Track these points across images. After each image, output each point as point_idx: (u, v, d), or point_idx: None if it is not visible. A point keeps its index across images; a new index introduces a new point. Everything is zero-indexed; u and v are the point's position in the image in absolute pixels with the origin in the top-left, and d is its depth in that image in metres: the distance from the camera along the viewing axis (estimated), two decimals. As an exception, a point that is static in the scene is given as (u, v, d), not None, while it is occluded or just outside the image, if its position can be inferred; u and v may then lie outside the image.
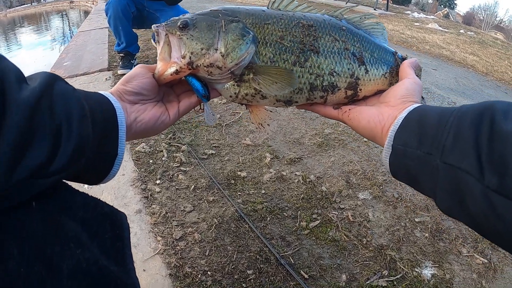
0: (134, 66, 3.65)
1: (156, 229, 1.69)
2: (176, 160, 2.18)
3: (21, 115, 0.48)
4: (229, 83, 0.83)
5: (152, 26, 0.83)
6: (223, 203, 1.87)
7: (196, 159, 2.21)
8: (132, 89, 0.78)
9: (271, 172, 2.12)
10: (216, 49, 0.78)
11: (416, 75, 0.88)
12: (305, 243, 1.66)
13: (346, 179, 2.13)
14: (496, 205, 0.50)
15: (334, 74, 0.85)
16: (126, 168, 2.13)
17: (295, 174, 2.13)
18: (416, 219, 1.85)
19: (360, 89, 0.89)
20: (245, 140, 2.45)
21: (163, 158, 2.22)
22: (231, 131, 2.58)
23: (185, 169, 2.12)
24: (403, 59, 0.93)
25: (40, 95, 0.52)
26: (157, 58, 0.83)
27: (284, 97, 0.85)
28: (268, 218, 1.78)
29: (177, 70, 0.79)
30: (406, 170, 0.69)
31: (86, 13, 15.02)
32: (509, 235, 0.50)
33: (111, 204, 0.73)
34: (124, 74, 3.29)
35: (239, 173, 2.10)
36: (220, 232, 1.68)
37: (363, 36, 0.91)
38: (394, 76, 0.93)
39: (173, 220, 1.74)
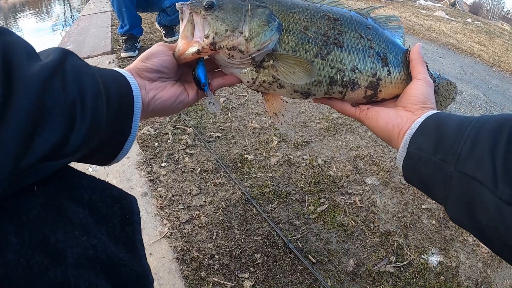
0: (138, 49, 3.61)
1: (162, 212, 1.67)
2: (182, 143, 2.16)
3: (31, 94, 0.45)
4: (247, 68, 0.82)
5: (177, 4, 0.82)
6: (230, 186, 1.85)
7: (202, 141, 2.18)
8: (152, 65, 0.76)
9: (278, 156, 2.10)
10: (241, 32, 0.77)
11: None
12: (313, 228, 1.64)
13: (354, 164, 2.11)
14: (507, 217, 0.49)
15: (356, 71, 0.84)
16: (131, 151, 2.11)
17: (303, 158, 2.11)
18: (423, 206, 1.84)
19: (380, 91, 0.87)
20: (251, 123, 2.42)
21: (168, 141, 2.20)
22: (238, 114, 2.55)
23: (191, 151, 2.10)
24: (407, 50, 0.91)
25: (52, 71, 0.50)
26: (179, 36, 0.81)
27: (301, 88, 0.84)
28: (276, 202, 1.76)
29: (198, 50, 0.77)
30: (419, 175, 0.69)
31: (89, -3, 14.97)
32: None
33: None
34: (127, 57, 3.22)
35: (246, 156, 2.08)
36: (227, 216, 1.67)
37: (389, 37, 0.90)
38: None
39: (180, 203, 1.72)
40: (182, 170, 1.95)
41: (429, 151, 0.65)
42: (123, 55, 3.58)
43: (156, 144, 2.17)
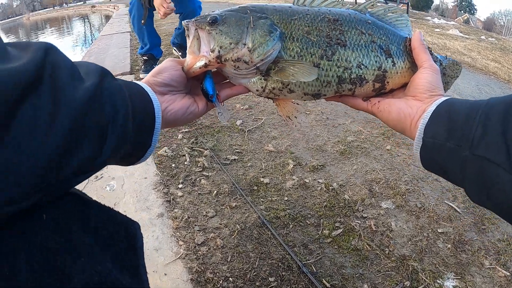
0: None
1: (178, 233, 1.70)
2: (199, 165, 2.20)
3: (73, 117, 0.50)
4: (255, 78, 0.85)
5: (183, 22, 0.86)
6: (245, 209, 1.87)
7: (219, 164, 2.22)
8: (162, 80, 0.80)
9: (293, 179, 2.12)
10: (244, 44, 0.80)
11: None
12: (328, 252, 1.65)
13: (369, 187, 2.11)
14: None
15: (362, 66, 0.86)
16: (149, 172, 2.16)
17: (318, 181, 2.12)
18: (439, 230, 1.83)
19: (388, 82, 0.90)
20: (267, 146, 2.45)
21: (185, 163, 2.23)
22: (254, 137, 2.58)
23: (207, 174, 2.13)
24: (407, 39, 0.93)
25: (93, 95, 0.54)
26: (186, 51, 0.85)
27: (312, 91, 0.87)
28: (291, 226, 1.78)
29: (206, 63, 0.81)
30: (436, 162, 0.72)
31: (107, 17, 15.26)
32: None
33: (133, 207, 0.74)
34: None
35: (261, 179, 2.10)
36: (242, 238, 1.68)
37: (389, 29, 0.92)
38: None
39: (195, 225, 1.75)
40: (199, 192, 1.98)
41: (443, 138, 0.68)
42: (142, 76, 3.66)
43: (173, 165, 2.21)
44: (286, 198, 1.96)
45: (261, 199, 1.95)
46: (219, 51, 0.80)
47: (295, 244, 1.68)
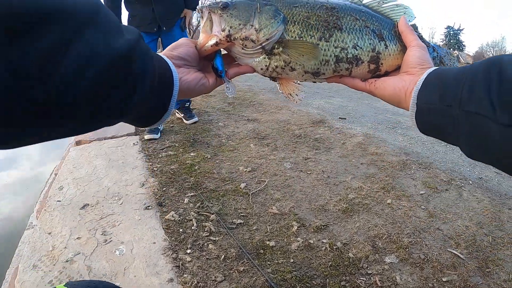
0: (160, 131, 3.81)
1: (189, 299, 1.74)
2: (206, 230, 2.26)
3: (115, 59, 0.58)
4: (260, 57, 0.94)
5: (197, 7, 1.03)
6: (253, 273, 1.92)
7: (225, 228, 2.28)
8: (178, 54, 0.89)
9: (298, 241, 2.17)
10: (252, 25, 0.90)
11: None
12: (335, 312, 1.69)
13: (372, 243, 2.17)
14: (510, 138, 0.58)
15: (357, 47, 0.94)
16: (157, 237, 2.22)
17: (322, 241, 2.18)
18: (443, 279, 1.87)
19: (382, 63, 0.97)
20: (271, 208, 2.52)
21: (192, 227, 2.30)
22: (258, 200, 2.66)
23: (214, 238, 2.19)
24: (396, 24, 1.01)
25: (132, 47, 0.62)
26: (200, 30, 0.96)
27: (312, 69, 0.95)
28: (298, 287, 1.82)
29: (217, 42, 0.91)
30: (431, 124, 0.78)
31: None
32: None
33: (143, 272, 0.81)
34: (150, 139, 3.38)
35: (267, 242, 2.15)
36: (252, 303, 1.73)
37: (381, 17, 1.01)
38: None
39: (206, 291, 1.79)
40: (207, 257, 2.04)
41: (435, 101, 0.74)
42: (146, 137, 3.82)
43: (181, 230, 2.28)
44: (292, 260, 2.01)
45: (268, 262, 2.00)
46: (229, 31, 0.90)
47: (303, 306, 1.72)
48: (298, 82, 1.03)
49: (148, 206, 2.56)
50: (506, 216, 2.53)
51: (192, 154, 3.49)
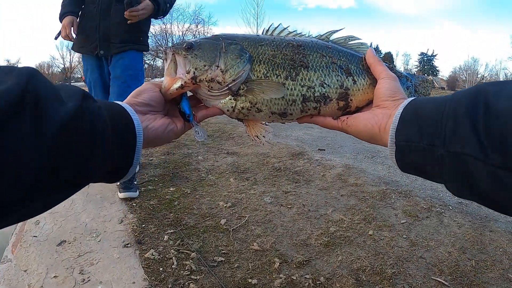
0: (138, 189, 3.44)
1: None
2: (186, 268, 2.21)
3: (56, 136, 0.54)
4: (226, 98, 0.91)
5: (162, 48, 0.96)
6: (236, 313, 1.87)
7: (206, 267, 2.24)
8: (143, 100, 0.85)
9: (281, 277, 2.14)
10: (217, 66, 0.88)
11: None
12: None
13: (356, 276, 2.15)
14: (503, 180, 0.53)
15: (325, 85, 0.92)
16: (137, 276, 2.16)
17: (305, 277, 2.15)
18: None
19: (351, 99, 0.95)
20: (253, 245, 2.49)
21: (173, 266, 2.25)
22: (239, 236, 2.63)
23: (195, 277, 2.14)
24: (363, 58, 1.00)
25: (74, 115, 0.58)
26: (164, 74, 0.93)
27: (278, 110, 0.92)
28: (281, 327, 1.79)
29: (182, 84, 0.88)
30: (413, 163, 0.73)
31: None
32: None
33: None
34: (125, 198, 3.06)
35: (250, 280, 2.12)
36: None
37: (348, 51, 0.99)
38: None
39: (187, 334, 1.75)
40: (188, 297, 1.99)
41: (415, 139, 0.69)
42: (121, 195, 3.31)
43: (161, 269, 2.22)
44: (275, 298, 1.98)
45: (251, 301, 1.96)
46: (194, 72, 0.87)
47: None
48: (266, 123, 1.01)
49: (127, 244, 2.50)
50: (488, 238, 2.55)
51: (171, 189, 3.46)
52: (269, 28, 1.02)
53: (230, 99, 0.92)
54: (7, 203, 0.49)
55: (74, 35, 3.30)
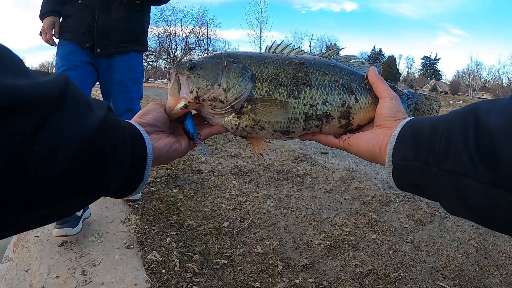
0: (82, 224, 2.73)
1: None
2: (189, 270, 2.20)
3: (87, 139, 0.55)
4: (230, 116, 0.92)
5: (165, 67, 0.98)
6: (238, 316, 1.86)
7: (209, 269, 2.23)
8: (147, 121, 0.87)
9: (284, 281, 2.13)
10: (220, 85, 0.89)
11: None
12: None
13: (359, 281, 2.14)
14: (495, 198, 0.53)
15: (327, 103, 0.93)
16: (139, 278, 2.15)
17: (308, 281, 2.14)
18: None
19: (353, 118, 0.95)
20: (256, 248, 2.48)
21: (175, 268, 2.24)
22: (242, 239, 2.62)
23: (198, 280, 2.13)
24: (366, 76, 1.00)
25: (103, 123, 0.60)
26: (168, 93, 0.94)
27: (281, 127, 0.93)
28: (284, 331, 1.78)
29: (185, 104, 0.89)
30: (409, 181, 0.74)
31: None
32: None
33: None
34: (59, 236, 2.56)
35: (252, 283, 2.11)
36: None
37: (351, 69, 1.00)
38: None
39: (189, 337, 1.74)
40: (190, 300, 1.98)
41: (411, 157, 0.70)
42: (55, 233, 2.51)
43: (163, 271, 2.21)
44: (278, 302, 1.97)
45: (253, 305, 1.95)
46: (197, 92, 0.89)
47: None
48: (270, 141, 1.02)
49: (130, 245, 2.50)
50: (491, 243, 2.54)
51: (174, 190, 3.46)
52: (272, 45, 1.03)
53: (234, 117, 0.93)
54: (29, 196, 0.49)
55: (56, 40, 2.95)
